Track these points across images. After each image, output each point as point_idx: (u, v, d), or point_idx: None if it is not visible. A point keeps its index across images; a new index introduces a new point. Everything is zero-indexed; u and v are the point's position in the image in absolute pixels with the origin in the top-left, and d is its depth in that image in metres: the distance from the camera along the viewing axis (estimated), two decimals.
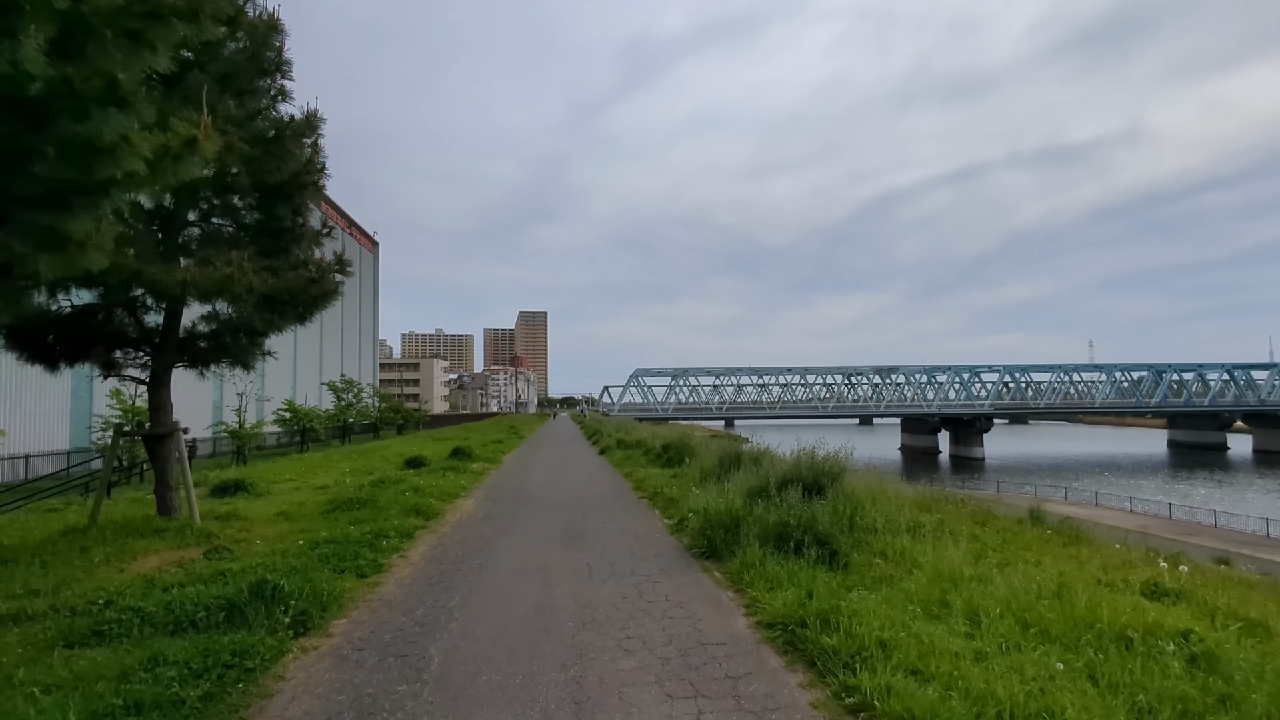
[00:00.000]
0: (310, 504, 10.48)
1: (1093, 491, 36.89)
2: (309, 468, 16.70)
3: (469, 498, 11.39)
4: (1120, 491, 37.47)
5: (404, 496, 10.42)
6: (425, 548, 7.36)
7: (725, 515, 6.58)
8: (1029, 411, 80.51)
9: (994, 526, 8.58)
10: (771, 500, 6.79)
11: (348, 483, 12.97)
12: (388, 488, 11.61)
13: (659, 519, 8.82)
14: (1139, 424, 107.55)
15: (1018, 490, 37.75)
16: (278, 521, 9.06)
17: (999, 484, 40.57)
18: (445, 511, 9.83)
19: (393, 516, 8.86)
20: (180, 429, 8.60)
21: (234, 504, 10.66)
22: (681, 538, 7.45)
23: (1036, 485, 40.35)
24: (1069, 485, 39.95)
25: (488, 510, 9.92)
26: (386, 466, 16.52)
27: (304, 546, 6.95)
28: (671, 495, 9.73)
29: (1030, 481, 41.97)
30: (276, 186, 8.63)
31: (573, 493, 11.60)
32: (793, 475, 7.94)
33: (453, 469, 14.79)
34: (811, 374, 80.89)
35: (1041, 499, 34.72)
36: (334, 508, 9.72)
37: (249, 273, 7.65)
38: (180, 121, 5.30)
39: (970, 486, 37.04)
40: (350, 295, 62.87)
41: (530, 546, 7.20)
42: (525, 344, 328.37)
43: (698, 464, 12.32)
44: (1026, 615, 4.17)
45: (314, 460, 18.72)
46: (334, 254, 9.44)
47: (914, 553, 5.94)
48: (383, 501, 9.90)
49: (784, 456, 11.67)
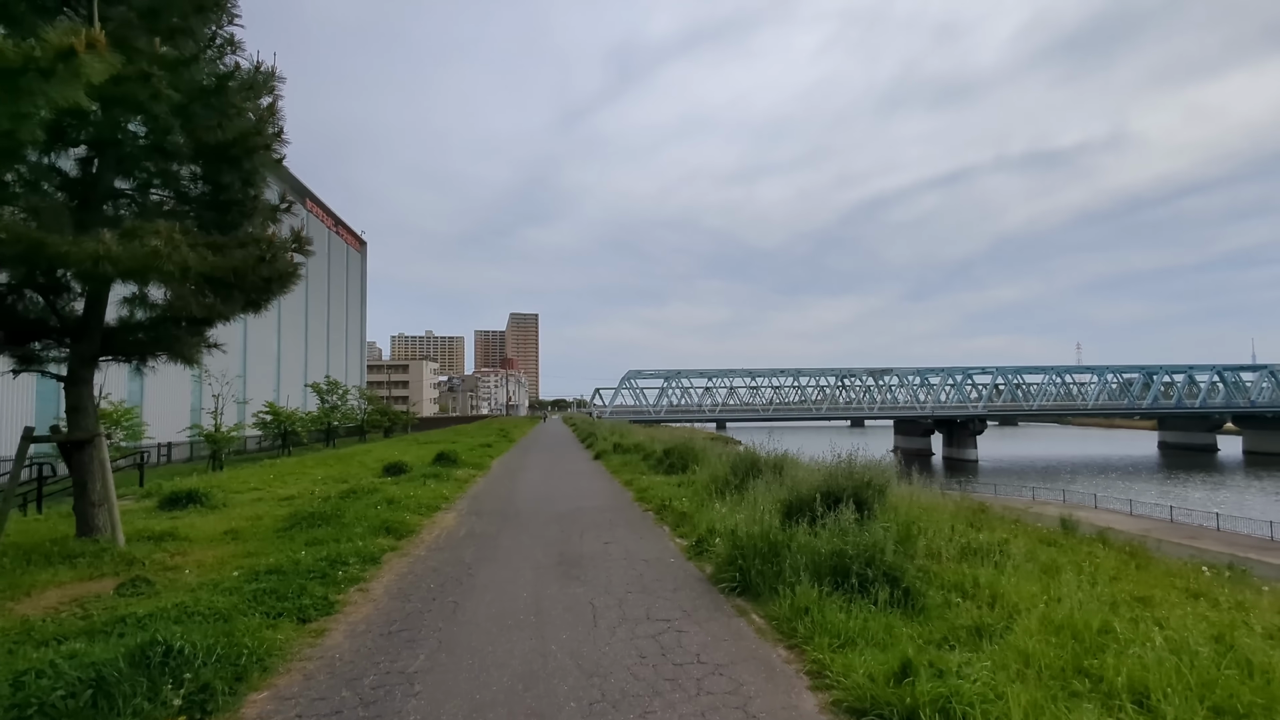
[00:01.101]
0: (268, 519, 9.16)
1: (1091, 494, 36.17)
2: (279, 475, 15.31)
3: (450, 510, 10.10)
4: (1116, 493, 36.77)
5: (375, 510, 9.12)
6: (392, 577, 6.08)
7: (761, 540, 5.35)
8: (1022, 413, 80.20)
9: (1063, 546, 7.42)
10: (817, 521, 5.57)
11: (316, 493, 11.63)
12: (359, 499, 10.29)
13: (670, 538, 7.58)
14: (1128, 425, 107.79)
15: (1016, 493, 36.94)
16: (223, 542, 7.74)
17: (996, 487, 39.77)
18: (421, 528, 8.54)
19: (358, 536, 7.57)
20: (103, 435, 7.26)
21: (178, 520, 9.31)
22: (702, 564, 6.21)
23: (1034, 488, 39.60)
24: (1065, 487, 39.22)
25: (471, 526, 8.64)
26: (363, 473, 15.16)
27: (241, 578, 5.66)
28: (682, 509, 8.49)
29: (1026, 484, 41.15)
30: (220, 149, 7.32)
31: (568, 505, 10.33)
32: (832, 488, 6.76)
33: (435, 476, 13.47)
34: (804, 375, 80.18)
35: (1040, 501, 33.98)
36: (293, 524, 8.41)
37: (181, 247, 6.35)
38: (56, 31, 4.03)
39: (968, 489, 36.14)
40: (337, 295, 61.29)
41: (518, 576, 5.94)
42: (516, 346, 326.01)
43: (707, 471, 11.10)
44: (1213, 693, 2.98)
45: (287, 466, 17.33)
46: (291, 230, 8.13)
47: (999, 586, 4.75)
48: (350, 516, 8.60)
49: (806, 462, 10.49)
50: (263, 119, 7.79)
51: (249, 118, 7.49)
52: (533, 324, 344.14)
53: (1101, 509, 32.44)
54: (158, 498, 11.01)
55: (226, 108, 7.12)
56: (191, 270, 6.60)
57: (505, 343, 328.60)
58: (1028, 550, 6.38)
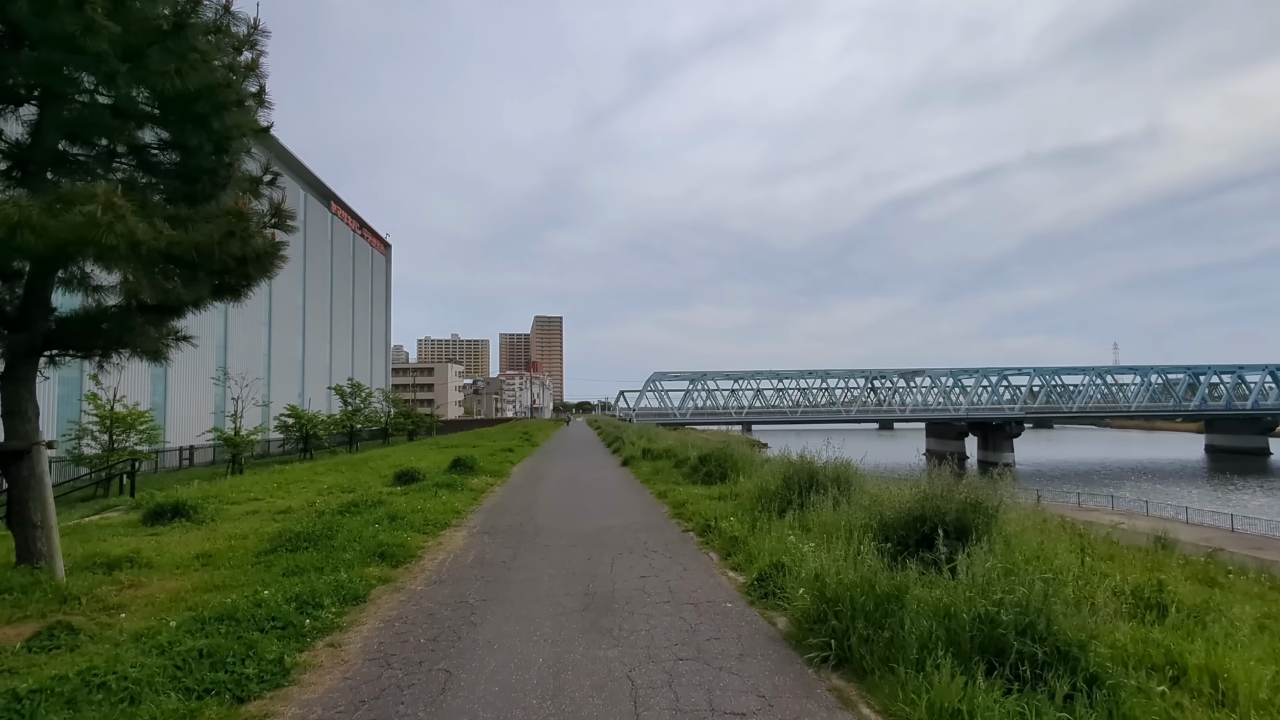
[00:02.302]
0: (253, 538, 8.00)
1: (1140, 500, 33.78)
2: (284, 483, 14.29)
3: (461, 528, 8.83)
4: (1165, 499, 34.33)
5: (373, 529, 7.89)
6: (375, 625, 4.80)
7: (862, 589, 3.90)
8: (1062, 415, 76.73)
9: (1225, 585, 5.80)
10: (910, 556, 4.12)
11: (316, 505, 10.51)
12: (359, 514, 9.11)
13: (720, 570, 6.16)
14: (1170, 428, 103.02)
15: (1059, 499, 34.75)
16: (191, 569, 6.57)
17: (1038, 493, 37.55)
18: (424, 552, 7.27)
19: (346, 564, 6.33)
20: (44, 443, 6.14)
21: (157, 538, 8.22)
22: (770, 614, 4.78)
23: (1079, 493, 37.31)
24: (1112, 493, 36.79)
25: (481, 550, 7.34)
26: (373, 482, 14.06)
27: (181, 629, 4.43)
28: (731, 531, 7.05)
29: (1068, 489, 38.75)
30: (181, 103, 6.16)
31: (595, 522, 8.98)
32: (929, 512, 5.30)
33: (448, 486, 12.26)
34: (833, 377, 77.80)
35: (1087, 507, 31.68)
36: (277, 545, 7.21)
37: (127, 216, 5.18)
38: None
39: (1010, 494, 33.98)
40: (362, 298, 61.21)
41: (533, 627, 4.60)
42: (541, 349, 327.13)
43: (753, 482, 9.66)
44: None
45: (296, 473, 16.34)
46: (270, 203, 6.96)
47: (1218, 664, 3.26)
48: (342, 537, 7.38)
49: (871, 473, 8.97)
50: (236, 72, 6.63)
51: (217, 67, 6.33)
52: (557, 327, 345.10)
53: (1154, 516, 30.12)
54: (145, 510, 9.98)
55: (187, 52, 5.95)
56: (143, 245, 5.43)
57: (530, 345, 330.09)
58: (1202, 600, 4.82)
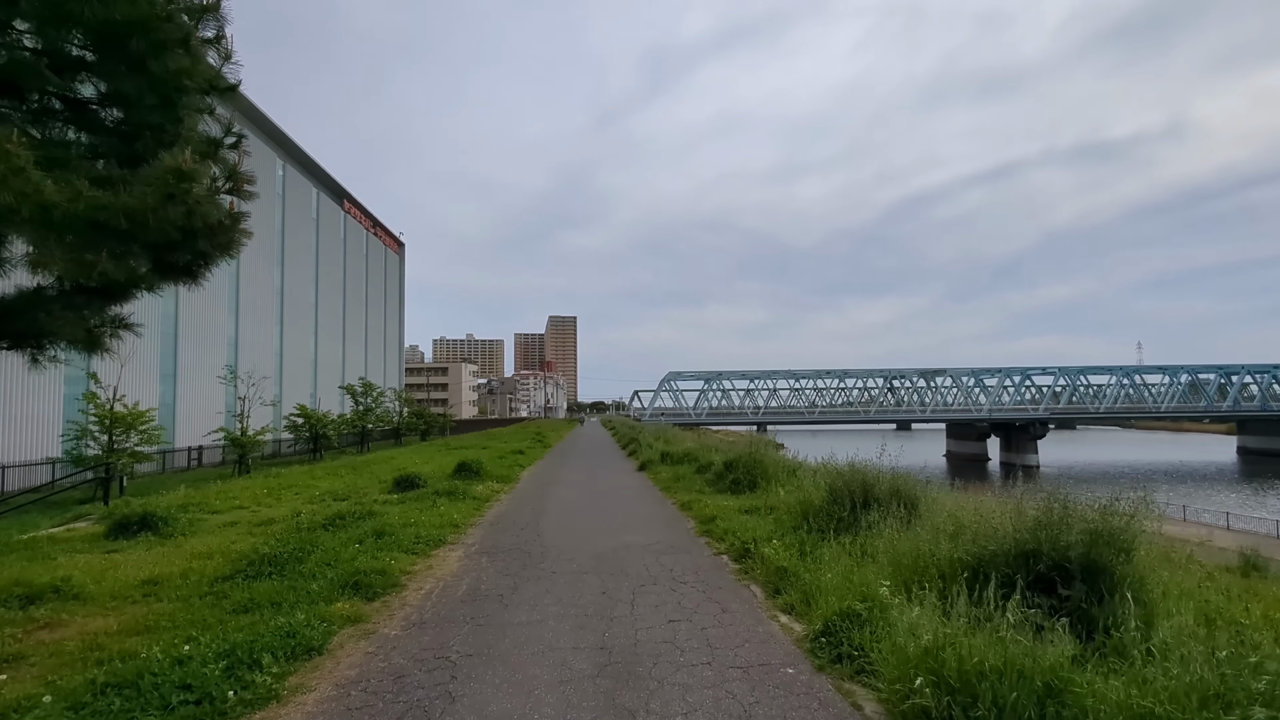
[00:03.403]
0: (219, 558, 6.93)
1: (1176, 504, 31.87)
2: (276, 488, 13.29)
3: (457, 546, 7.68)
4: (1202, 504, 32.42)
5: (354, 549, 6.78)
6: (324, 694, 3.64)
7: (1007, 675, 2.64)
8: (1088, 416, 74.30)
9: None
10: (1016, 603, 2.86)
11: (302, 515, 9.44)
12: (344, 528, 8.02)
13: (767, 611, 4.92)
14: (1197, 429, 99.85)
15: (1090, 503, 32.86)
16: (126, 603, 5.49)
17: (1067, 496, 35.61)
18: (409, 580, 6.12)
19: (311, 597, 5.22)
20: None
21: (95, 561, 7.16)
22: (850, 685, 3.54)
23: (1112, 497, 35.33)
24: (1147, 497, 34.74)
25: (476, 577, 6.17)
26: (371, 487, 13.01)
27: (58, 704, 3.31)
28: (776, 559, 5.77)
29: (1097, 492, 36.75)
30: (113, 40, 5.08)
31: (610, 540, 7.77)
32: (1044, 545, 4.06)
33: (450, 494, 11.15)
34: (851, 377, 75.97)
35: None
36: (239, 570, 6.12)
37: (28, 170, 4.12)
38: None
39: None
40: (375, 297, 60.70)
41: (531, 706, 3.41)
42: (555, 349, 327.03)
43: (792, 494, 8.40)
44: None
45: (293, 477, 15.36)
46: (225, 165, 5.85)
47: None
48: (315, 560, 6.28)
49: (938, 486, 7.68)
50: (184, 9, 5.54)
51: None
52: (571, 327, 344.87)
53: (1192, 522, 28.35)
54: (111, 521, 8.98)
55: None
56: (56, 209, 4.35)
57: (544, 345, 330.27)
58: None
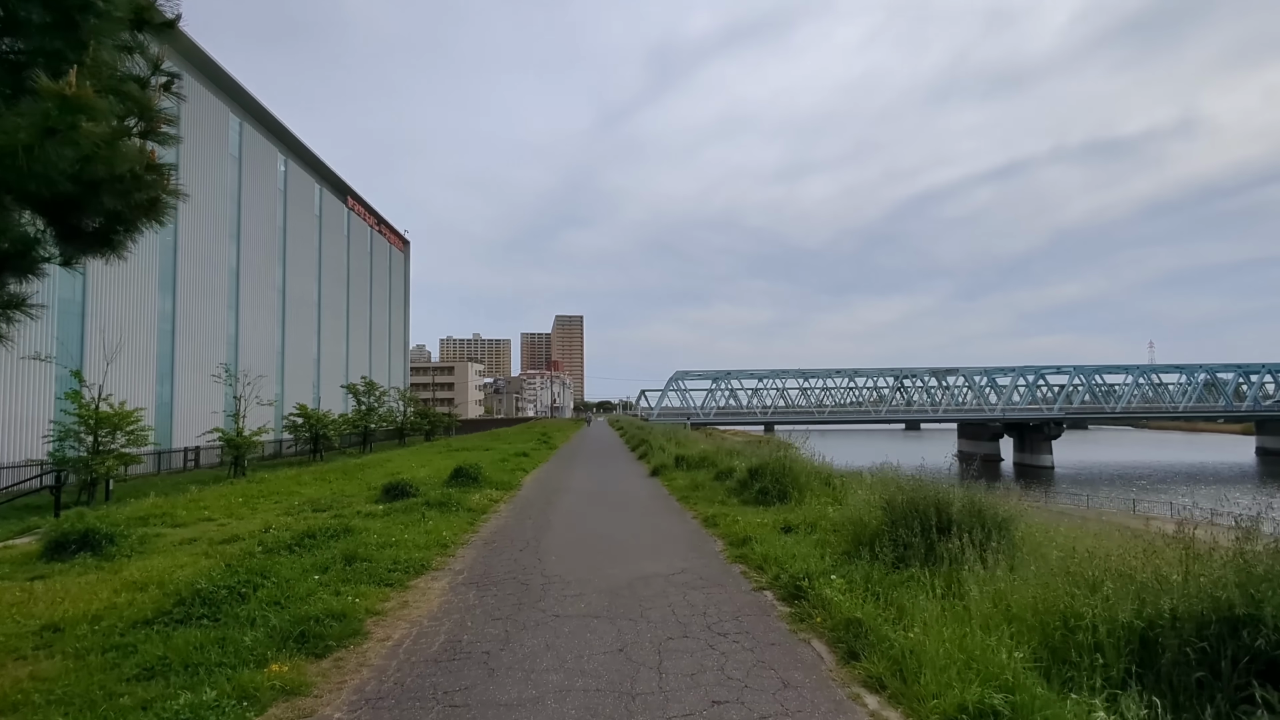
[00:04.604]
0: (154, 588, 5.71)
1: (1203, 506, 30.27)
2: (254, 496, 12.09)
3: (441, 573, 6.42)
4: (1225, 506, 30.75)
5: (311, 581, 5.55)
6: None
7: None
8: (1104, 415, 72.54)
9: None
10: None
11: (272, 530, 8.23)
12: (309, 550, 6.80)
13: (847, 689, 3.59)
14: (1212, 429, 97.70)
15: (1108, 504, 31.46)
16: (9, 660, 4.27)
17: (1087, 497, 34.22)
18: (374, 624, 4.87)
19: (237, 657, 3.99)
20: None
21: (28, 589, 5.97)
22: None
23: (1133, 499, 33.90)
24: (1171, 499, 33.32)
25: (459, 623, 4.91)
26: (358, 495, 11.81)
27: None
28: (843, 604, 4.44)
29: (1115, 493, 35.31)
30: None
31: (625, 567, 6.49)
32: (1271, 613, 2.74)
33: (442, 505, 9.91)
34: (861, 376, 74.43)
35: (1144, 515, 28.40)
36: (165, 612, 4.90)
37: None
38: None
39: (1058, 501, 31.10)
40: (380, 295, 59.67)
41: None
42: (561, 348, 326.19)
43: (841, 510, 7.09)
44: None
45: (277, 483, 14.19)
46: (135, 100, 4.62)
47: None
48: (261, 597, 5.06)
49: (1006, 500, 6.36)
50: None
51: None
52: (577, 326, 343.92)
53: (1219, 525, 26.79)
54: (50, 538, 7.78)
55: None
56: None
57: (551, 345, 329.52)
58: None
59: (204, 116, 33.55)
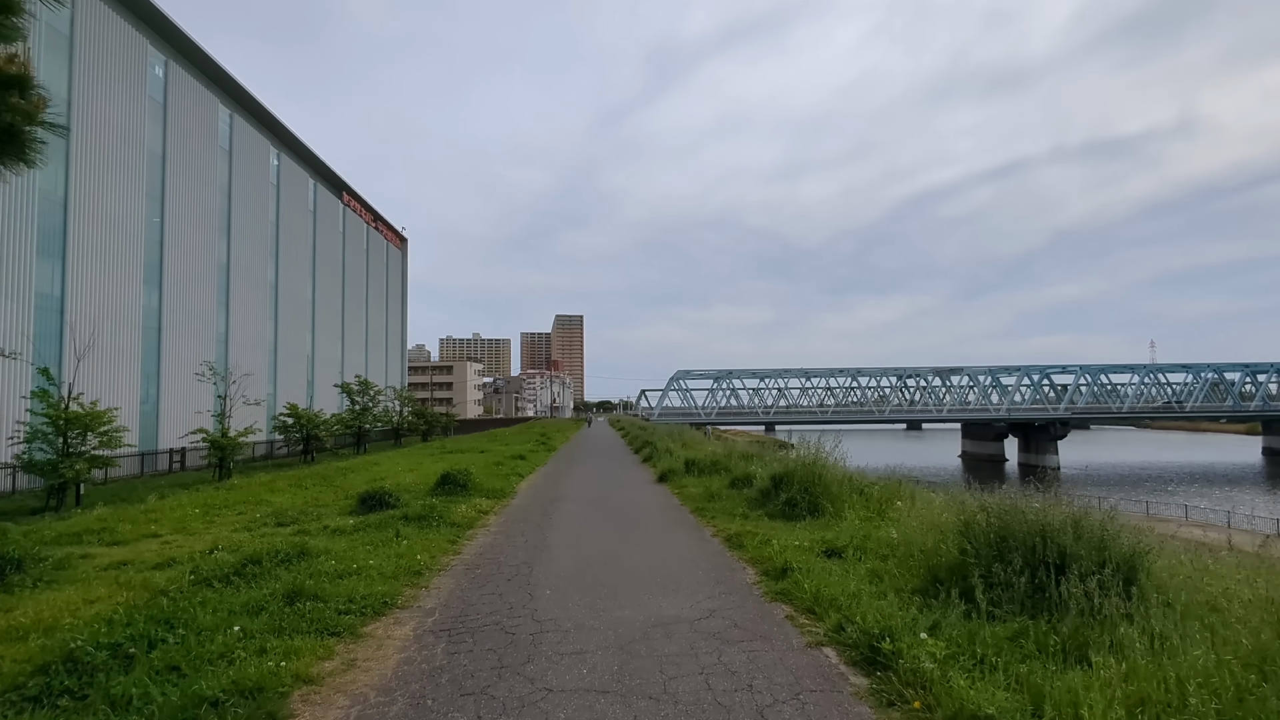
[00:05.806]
0: (36, 640, 4.42)
1: (1217, 509, 29.15)
2: (218, 506, 10.79)
3: (406, 615, 5.11)
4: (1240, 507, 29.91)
5: (232, 634, 4.26)
6: None
7: None
8: (1111, 415, 71.43)
9: None
10: None
11: (218, 551, 6.95)
12: (253, 581, 5.51)
13: None
14: (1216, 429, 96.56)
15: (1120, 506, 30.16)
16: None
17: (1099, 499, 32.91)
18: (300, 701, 3.57)
19: None
20: None
21: None
22: None
23: (1145, 501, 32.67)
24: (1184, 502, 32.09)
25: (413, 701, 3.61)
26: (332, 505, 10.51)
27: None
28: (963, 693, 3.17)
29: (1125, 495, 34.12)
30: None
31: (637, 609, 5.14)
32: None
33: (421, 519, 8.62)
34: (864, 375, 73.14)
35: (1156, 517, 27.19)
36: (18, 686, 3.63)
37: None
38: None
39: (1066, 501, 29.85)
40: (376, 293, 58.34)
41: None
42: (561, 348, 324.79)
43: (904, 529, 5.81)
44: None
45: (249, 489, 12.88)
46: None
47: None
48: (156, 660, 3.78)
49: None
50: None
51: None
52: (577, 326, 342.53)
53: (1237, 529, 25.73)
54: None
55: None
56: None
57: (551, 344, 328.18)
58: None
59: (191, 105, 32.30)
